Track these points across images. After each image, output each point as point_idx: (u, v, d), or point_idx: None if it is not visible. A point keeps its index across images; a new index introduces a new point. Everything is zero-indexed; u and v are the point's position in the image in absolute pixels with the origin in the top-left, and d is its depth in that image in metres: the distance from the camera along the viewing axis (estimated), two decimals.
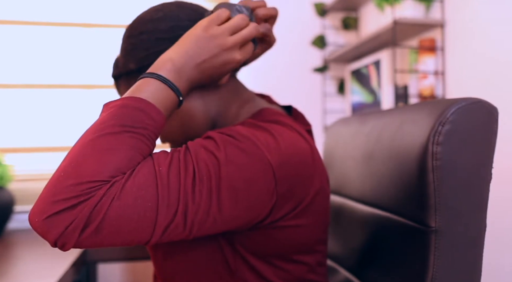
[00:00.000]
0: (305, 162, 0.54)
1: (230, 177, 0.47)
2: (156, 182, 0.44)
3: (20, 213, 1.83)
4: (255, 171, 0.49)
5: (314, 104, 2.11)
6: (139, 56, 0.61)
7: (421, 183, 0.54)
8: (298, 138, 0.55)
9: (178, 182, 0.45)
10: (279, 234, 0.54)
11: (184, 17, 0.61)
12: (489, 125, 0.53)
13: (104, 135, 0.44)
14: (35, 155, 1.87)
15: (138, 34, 0.61)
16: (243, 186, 0.48)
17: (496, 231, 1.25)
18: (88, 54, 1.93)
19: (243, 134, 0.50)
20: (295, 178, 0.53)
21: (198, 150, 0.48)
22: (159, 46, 0.60)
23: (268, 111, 0.61)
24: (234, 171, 0.48)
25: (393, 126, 0.63)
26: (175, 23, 0.60)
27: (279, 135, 0.53)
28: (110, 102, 0.48)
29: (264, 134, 0.52)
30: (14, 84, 1.87)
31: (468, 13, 1.37)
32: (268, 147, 0.50)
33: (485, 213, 0.54)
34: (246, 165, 0.48)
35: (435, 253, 0.53)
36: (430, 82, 1.50)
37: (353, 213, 0.74)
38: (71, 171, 0.42)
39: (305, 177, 0.54)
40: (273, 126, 0.54)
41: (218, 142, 0.49)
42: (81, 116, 1.92)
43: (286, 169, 0.51)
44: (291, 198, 0.53)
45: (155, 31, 0.60)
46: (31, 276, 1.02)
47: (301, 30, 2.11)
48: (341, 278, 0.76)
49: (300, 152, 0.54)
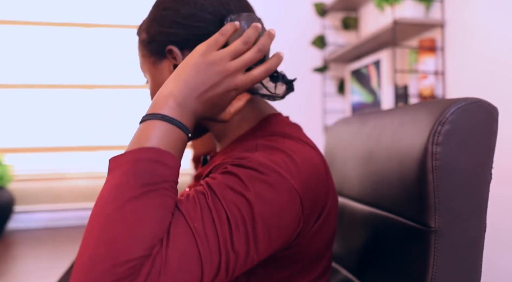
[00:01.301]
0: (322, 178, 0.54)
1: (263, 215, 0.46)
2: (195, 241, 0.42)
3: (20, 213, 1.83)
4: (284, 203, 0.48)
5: (314, 104, 2.11)
6: (153, 30, 0.61)
7: (421, 183, 0.54)
8: (310, 152, 0.55)
9: (216, 234, 0.43)
10: (298, 248, 0.55)
11: (209, 8, 0.60)
12: (489, 125, 0.53)
13: (128, 202, 0.41)
14: (35, 155, 1.87)
15: (162, 8, 0.61)
16: (276, 221, 0.48)
17: (496, 231, 1.25)
18: (88, 54, 1.93)
19: (265, 164, 0.49)
20: (316, 196, 0.53)
21: (225, 192, 0.46)
22: (172, 29, 0.60)
23: (275, 120, 0.61)
24: (266, 208, 0.47)
25: (393, 126, 0.63)
26: (197, 12, 0.59)
27: (295, 154, 0.52)
28: (118, 157, 0.44)
29: (282, 156, 0.51)
30: (14, 84, 1.87)
31: (468, 13, 1.37)
32: (290, 173, 0.50)
33: (485, 213, 0.54)
34: (276, 199, 0.48)
35: (435, 253, 0.53)
36: (430, 82, 1.50)
37: (353, 213, 0.74)
38: (104, 252, 0.38)
39: (324, 192, 0.54)
40: (286, 143, 0.54)
41: (243, 179, 0.47)
42: (81, 116, 1.92)
43: (309, 191, 0.51)
44: (313, 215, 0.54)
45: (176, 12, 0.60)
46: (31, 276, 1.01)
47: (301, 30, 2.11)
48: (341, 278, 0.75)
49: (316, 168, 0.53)
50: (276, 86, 0.63)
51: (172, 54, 0.60)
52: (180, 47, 0.60)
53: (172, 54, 0.60)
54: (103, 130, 1.94)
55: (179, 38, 0.60)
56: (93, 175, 1.92)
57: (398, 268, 0.59)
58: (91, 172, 1.92)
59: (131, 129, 1.96)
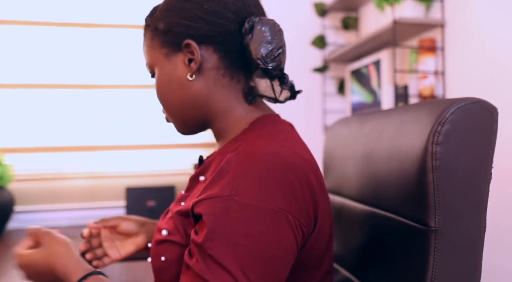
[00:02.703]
0: (306, 182, 0.53)
1: (269, 252, 0.48)
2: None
3: (20, 213, 1.83)
4: (276, 229, 0.49)
5: (314, 104, 2.11)
6: (171, 20, 0.60)
7: (421, 183, 0.54)
8: (293, 157, 0.53)
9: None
10: (302, 255, 0.56)
11: (232, 7, 0.59)
12: (489, 125, 0.53)
13: None
14: (35, 155, 1.87)
15: (184, 0, 0.61)
16: (280, 252, 0.49)
17: (496, 231, 1.25)
18: (88, 54, 1.93)
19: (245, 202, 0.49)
20: (306, 203, 0.53)
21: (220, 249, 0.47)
22: (193, 22, 0.59)
23: (266, 121, 0.60)
24: (262, 245, 0.48)
25: (393, 126, 0.63)
26: (220, 9, 0.59)
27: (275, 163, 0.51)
28: None
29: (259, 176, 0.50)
30: (14, 84, 1.87)
31: (468, 13, 1.37)
32: (271, 194, 0.49)
33: (485, 213, 0.54)
34: (267, 232, 0.48)
35: (434, 253, 0.53)
36: (430, 82, 1.50)
37: (353, 213, 0.73)
38: None
39: (312, 196, 0.54)
40: (267, 148, 0.53)
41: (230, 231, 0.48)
42: (81, 116, 1.92)
43: (296, 201, 0.51)
44: (311, 221, 0.54)
45: (199, 6, 0.59)
46: None
47: (301, 30, 2.11)
48: (341, 278, 0.75)
49: (301, 174, 0.52)
50: (281, 92, 0.64)
51: (189, 48, 0.60)
52: (198, 41, 0.60)
53: (189, 48, 0.60)
54: (103, 130, 1.94)
55: (199, 32, 0.59)
56: (93, 175, 1.92)
57: (398, 268, 0.59)
58: (91, 172, 1.92)
59: (131, 129, 1.96)
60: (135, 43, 1.96)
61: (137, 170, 1.96)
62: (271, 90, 0.64)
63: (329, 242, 0.59)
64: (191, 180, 0.65)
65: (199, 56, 0.59)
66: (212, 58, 0.60)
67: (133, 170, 1.95)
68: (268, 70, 0.59)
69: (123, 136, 1.95)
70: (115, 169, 1.94)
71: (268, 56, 0.58)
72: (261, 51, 0.58)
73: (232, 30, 0.59)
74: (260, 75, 0.64)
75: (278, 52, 0.59)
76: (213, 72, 0.61)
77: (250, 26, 0.59)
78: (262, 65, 0.58)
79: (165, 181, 1.99)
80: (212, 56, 0.60)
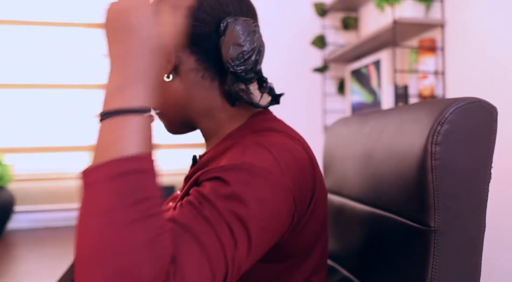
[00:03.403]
0: (308, 171, 0.55)
1: (261, 217, 0.47)
2: (205, 255, 0.42)
3: (20, 213, 1.83)
4: (279, 201, 0.49)
5: (314, 104, 2.11)
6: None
7: (421, 182, 0.54)
8: (295, 146, 0.55)
9: (221, 244, 0.43)
10: (289, 241, 0.56)
11: (206, 9, 0.59)
12: (489, 124, 0.53)
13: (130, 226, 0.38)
14: (35, 155, 1.87)
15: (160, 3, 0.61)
16: (273, 219, 0.49)
17: (496, 231, 1.25)
18: (88, 54, 1.93)
19: (255, 166, 0.49)
20: (305, 191, 0.54)
21: (220, 200, 0.46)
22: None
23: (262, 117, 0.62)
24: (262, 209, 0.47)
25: (392, 126, 0.63)
26: (194, 10, 0.59)
27: (282, 150, 0.53)
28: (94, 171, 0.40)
29: (269, 156, 0.51)
30: (14, 84, 1.87)
31: (468, 13, 1.37)
32: (281, 171, 0.51)
33: (485, 213, 0.54)
34: (270, 199, 0.48)
35: (434, 253, 0.53)
36: (430, 82, 1.50)
37: (353, 213, 0.73)
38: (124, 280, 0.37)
39: (311, 185, 0.55)
40: (272, 138, 0.54)
41: (236, 184, 0.47)
42: (80, 116, 1.92)
43: (298, 186, 0.53)
44: (303, 208, 0.55)
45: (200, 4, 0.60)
46: (31, 276, 1.01)
47: (301, 30, 2.11)
48: (341, 278, 0.75)
49: (302, 162, 0.54)
50: (262, 96, 0.63)
51: None
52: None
53: None
54: None
55: None
56: None
57: (398, 268, 0.59)
58: None
59: None
60: None
61: None
62: (248, 94, 0.61)
63: (320, 234, 0.60)
64: (185, 180, 0.65)
65: (173, 58, 0.59)
66: (189, 60, 0.61)
67: None
68: (237, 73, 0.57)
69: None
70: None
71: (238, 58, 0.57)
72: (230, 53, 0.56)
73: (207, 31, 0.59)
74: (233, 78, 0.61)
75: (249, 55, 0.57)
76: (192, 74, 0.61)
77: (225, 26, 0.58)
78: (231, 68, 0.57)
79: (165, 181, 1.99)
80: (189, 59, 0.60)
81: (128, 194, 0.39)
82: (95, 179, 0.40)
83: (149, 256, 0.38)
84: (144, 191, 0.40)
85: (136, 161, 0.41)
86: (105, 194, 0.39)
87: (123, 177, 0.39)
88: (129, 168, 0.40)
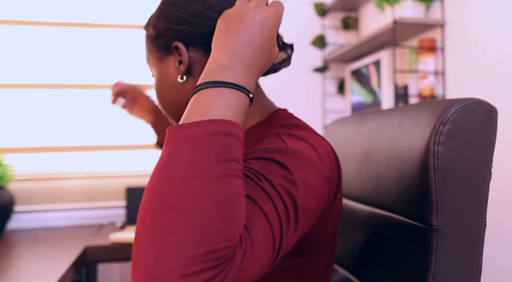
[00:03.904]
0: (335, 166, 0.56)
1: (306, 199, 0.48)
2: (270, 225, 0.42)
3: (20, 213, 1.83)
4: (321, 188, 0.50)
5: (314, 104, 2.12)
6: (160, 25, 0.62)
7: (423, 182, 0.54)
8: (323, 142, 0.57)
9: (279, 218, 0.44)
10: (313, 233, 0.56)
11: (216, 7, 0.60)
12: (489, 125, 0.53)
13: (216, 180, 0.38)
14: (35, 155, 1.87)
15: (170, 4, 0.62)
16: (313, 204, 0.49)
17: (496, 231, 1.25)
18: (88, 54, 1.93)
19: (300, 151, 0.50)
20: (334, 183, 0.55)
21: (275, 178, 0.46)
22: (178, 25, 0.60)
23: (283, 114, 0.62)
24: (308, 192, 0.48)
25: (393, 126, 0.63)
26: (204, 10, 0.59)
27: (314, 143, 0.54)
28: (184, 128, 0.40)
29: (306, 145, 0.53)
30: (14, 84, 1.87)
31: (468, 13, 1.37)
32: (320, 159, 0.52)
33: (485, 212, 0.54)
34: (316, 184, 0.49)
35: (436, 252, 0.53)
36: (430, 82, 1.50)
37: (354, 213, 0.74)
38: (199, 237, 0.35)
39: (337, 178, 0.56)
40: (302, 133, 0.55)
41: (286, 164, 0.48)
42: (81, 116, 1.92)
43: (331, 177, 0.54)
44: (331, 200, 0.55)
45: (183, 9, 0.60)
46: (31, 276, 1.02)
47: (301, 30, 2.11)
48: (341, 278, 0.76)
49: (331, 157, 0.56)
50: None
51: (178, 51, 0.61)
52: (186, 44, 0.60)
53: (178, 50, 0.61)
54: (103, 130, 1.94)
55: (185, 35, 0.60)
56: (93, 175, 1.92)
57: (400, 267, 0.59)
58: (91, 172, 1.92)
59: (131, 129, 1.96)
60: (134, 43, 1.96)
61: (137, 170, 1.96)
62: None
63: (335, 232, 0.61)
64: None
65: (187, 58, 0.60)
66: (202, 60, 0.61)
67: (133, 170, 1.95)
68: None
69: (123, 136, 1.95)
70: (115, 169, 1.94)
71: None
72: None
73: None
74: None
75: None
76: None
77: None
78: None
79: None
80: (202, 58, 0.61)
81: (220, 152, 0.39)
82: (189, 133, 0.40)
83: (229, 215, 0.37)
84: (235, 153, 0.41)
85: (234, 126, 0.42)
86: (197, 147, 0.39)
87: (220, 136, 0.40)
88: (227, 130, 0.41)
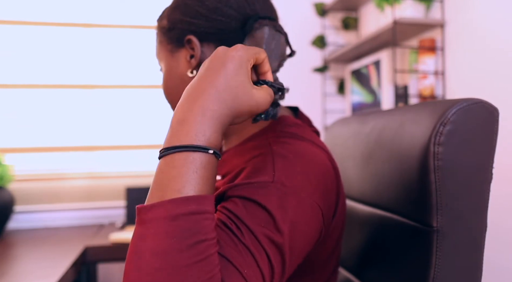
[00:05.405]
0: (332, 180, 0.55)
1: (294, 237, 0.47)
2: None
3: (20, 213, 1.83)
4: (309, 220, 0.49)
5: (314, 104, 2.11)
6: (175, 17, 0.61)
7: (423, 183, 0.54)
8: (320, 154, 0.55)
9: (261, 274, 0.43)
10: (314, 252, 0.56)
11: (233, 4, 0.59)
12: (490, 125, 0.53)
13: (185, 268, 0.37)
14: (35, 155, 1.87)
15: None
16: (303, 237, 0.48)
17: (496, 231, 1.25)
18: (88, 54, 1.93)
19: (287, 186, 0.48)
20: (330, 201, 0.54)
21: (257, 226, 0.45)
22: (194, 19, 0.59)
23: (285, 121, 0.60)
24: (295, 230, 0.47)
25: (393, 126, 0.63)
26: (221, 6, 0.59)
27: (307, 159, 0.52)
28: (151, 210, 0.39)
29: (299, 170, 0.50)
30: (14, 84, 1.86)
31: (468, 13, 1.37)
32: (310, 186, 0.50)
33: (486, 213, 0.54)
34: (302, 218, 0.48)
35: (436, 253, 0.53)
36: (430, 82, 1.50)
37: (354, 213, 0.74)
38: None
39: (335, 195, 0.55)
40: (297, 146, 0.53)
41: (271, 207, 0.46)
42: (81, 116, 1.92)
43: (326, 199, 0.52)
44: (329, 220, 0.54)
45: (201, 3, 0.59)
46: (31, 276, 1.01)
47: (301, 30, 2.11)
48: (342, 278, 0.76)
49: (327, 171, 0.54)
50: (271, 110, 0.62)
51: (191, 44, 0.60)
52: (200, 38, 0.60)
53: (191, 44, 0.60)
54: (103, 130, 1.94)
55: (200, 29, 0.59)
56: (93, 175, 1.92)
57: (400, 268, 0.59)
58: (91, 172, 1.92)
59: (131, 129, 1.96)
60: (135, 43, 1.96)
61: (137, 170, 1.96)
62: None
63: (340, 238, 0.60)
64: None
65: (199, 52, 0.59)
66: None
67: (133, 170, 1.95)
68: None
69: (123, 136, 1.95)
70: (115, 169, 1.94)
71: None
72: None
73: (233, 27, 0.59)
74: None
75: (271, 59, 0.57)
76: None
77: (250, 26, 0.58)
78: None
79: None
80: None
81: (185, 237, 0.38)
82: (152, 217, 0.38)
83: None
84: (202, 233, 0.39)
85: (196, 201, 0.39)
86: (161, 235, 0.38)
87: (181, 218, 0.38)
88: (189, 210, 0.39)
